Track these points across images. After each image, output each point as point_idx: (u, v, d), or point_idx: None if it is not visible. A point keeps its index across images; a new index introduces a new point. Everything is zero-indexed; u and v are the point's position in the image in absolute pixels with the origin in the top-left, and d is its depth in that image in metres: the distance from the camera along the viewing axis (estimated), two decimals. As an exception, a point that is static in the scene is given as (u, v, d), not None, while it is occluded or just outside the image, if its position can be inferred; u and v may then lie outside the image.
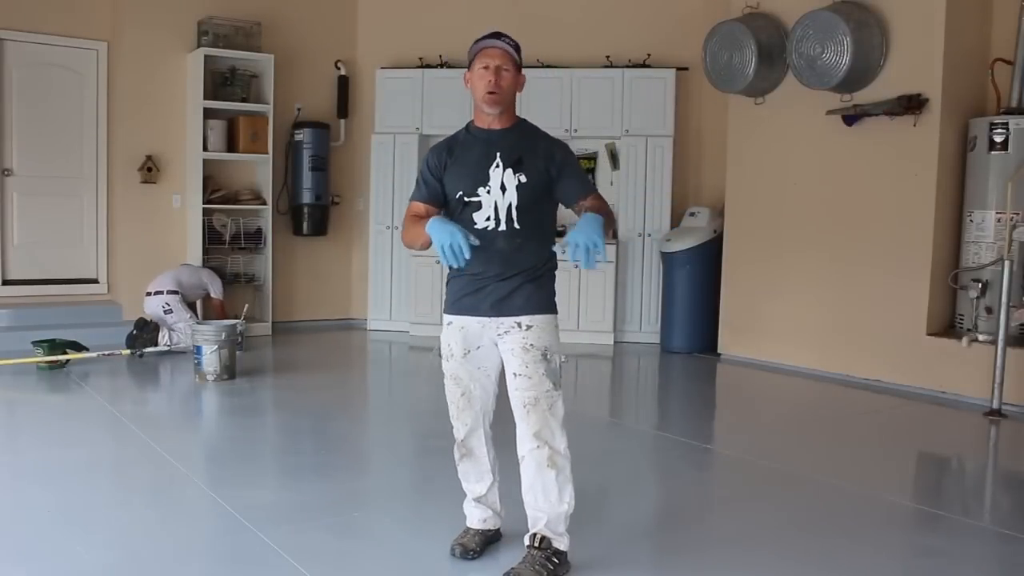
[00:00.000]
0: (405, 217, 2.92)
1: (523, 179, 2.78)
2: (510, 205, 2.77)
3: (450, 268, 2.88)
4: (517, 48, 2.85)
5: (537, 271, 2.83)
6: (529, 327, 2.78)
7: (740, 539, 3.26)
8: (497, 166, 2.79)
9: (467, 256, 2.59)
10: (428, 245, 2.74)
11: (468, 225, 2.80)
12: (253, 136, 7.61)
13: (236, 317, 6.62)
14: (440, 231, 2.63)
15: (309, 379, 6.19)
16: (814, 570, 3.00)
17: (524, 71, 2.89)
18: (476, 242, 2.68)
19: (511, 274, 2.79)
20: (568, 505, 2.80)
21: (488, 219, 2.79)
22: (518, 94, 2.87)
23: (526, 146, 2.83)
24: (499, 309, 2.79)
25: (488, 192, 2.79)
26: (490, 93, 2.78)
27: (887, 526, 3.46)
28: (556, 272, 2.93)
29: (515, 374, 2.78)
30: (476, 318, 2.83)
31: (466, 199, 2.82)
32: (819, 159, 6.45)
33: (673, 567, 3.06)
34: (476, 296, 2.83)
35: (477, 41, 2.85)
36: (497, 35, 2.84)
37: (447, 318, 2.93)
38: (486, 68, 2.79)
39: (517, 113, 2.92)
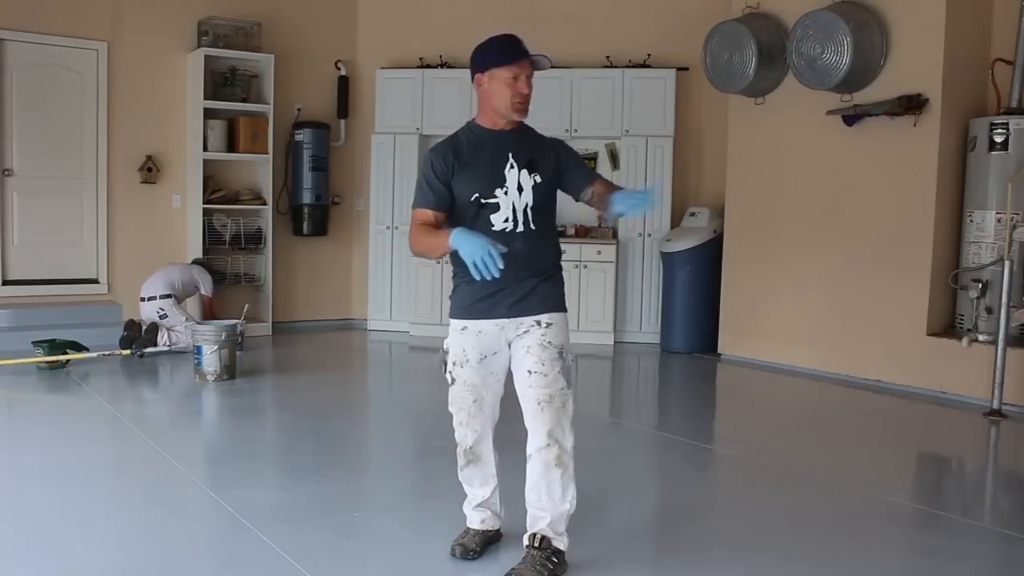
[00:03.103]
0: (412, 226, 2.84)
1: (538, 179, 2.82)
2: (526, 206, 2.80)
3: (454, 273, 2.88)
4: None
5: (550, 271, 2.88)
6: (549, 324, 2.81)
7: (740, 539, 3.27)
8: (512, 167, 2.81)
9: (500, 267, 2.56)
10: (444, 255, 2.75)
11: (485, 227, 2.76)
12: (253, 136, 7.61)
13: (224, 316, 6.62)
14: (470, 245, 2.58)
15: (309, 379, 6.19)
16: (814, 570, 3.00)
17: None
18: (504, 250, 2.62)
19: (527, 275, 2.79)
20: (571, 504, 2.80)
21: (506, 220, 2.79)
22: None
23: (534, 147, 2.89)
24: (518, 310, 2.80)
25: (506, 193, 2.79)
26: (522, 102, 2.81)
27: (887, 526, 3.46)
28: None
29: (530, 371, 2.77)
30: (494, 321, 2.81)
31: (483, 201, 2.79)
32: (819, 159, 6.45)
33: (673, 567, 3.06)
34: (492, 299, 2.80)
35: (504, 49, 2.81)
36: (520, 45, 2.83)
37: (460, 323, 2.87)
38: (516, 79, 2.79)
39: None
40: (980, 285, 5.68)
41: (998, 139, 5.69)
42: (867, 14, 6.01)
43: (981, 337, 5.63)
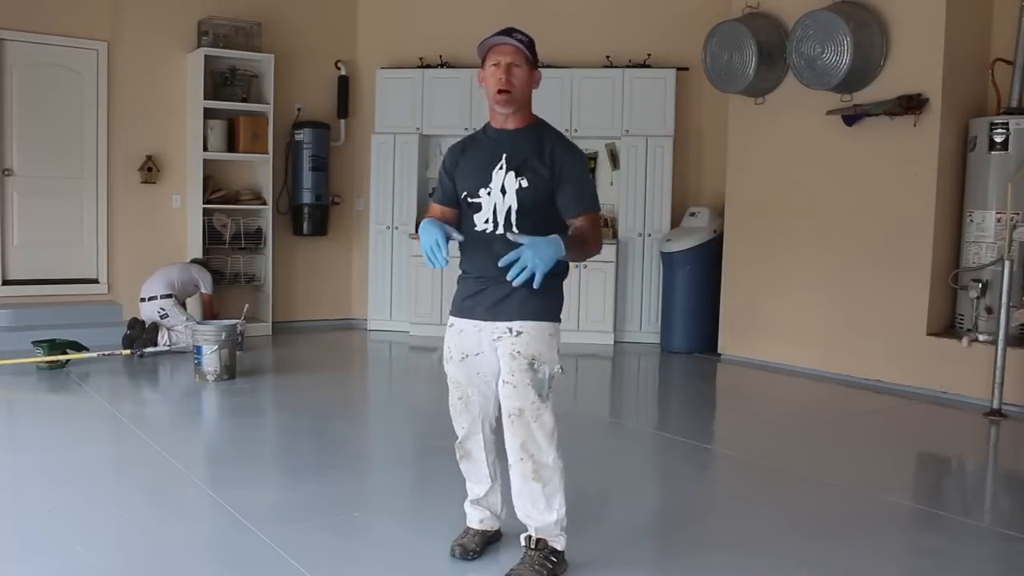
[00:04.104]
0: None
1: (524, 183, 2.71)
2: (509, 208, 2.72)
3: (463, 270, 2.88)
4: (530, 44, 2.75)
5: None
6: (519, 333, 2.72)
7: (740, 539, 3.27)
8: (501, 168, 2.74)
9: (444, 259, 2.60)
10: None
11: (469, 227, 2.78)
12: (253, 136, 7.61)
13: (224, 316, 6.62)
14: (424, 235, 2.64)
15: (309, 379, 6.19)
16: (814, 570, 3.00)
17: None
18: (459, 238, 2.70)
19: (508, 279, 2.71)
20: (558, 513, 2.77)
21: (487, 221, 2.75)
22: (534, 91, 2.79)
23: (534, 150, 2.75)
24: (493, 314, 2.75)
25: (488, 194, 2.75)
26: (501, 92, 2.70)
27: (887, 526, 3.46)
28: (562, 279, 2.81)
29: (504, 381, 2.75)
30: (473, 321, 2.81)
31: (469, 200, 2.79)
32: (819, 159, 6.45)
33: (673, 567, 3.06)
34: (474, 300, 2.80)
35: (487, 38, 2.75)
36: (509, 31, 2.75)
37: (450, 319, 2.91)
38: (496, 66, 2.71)
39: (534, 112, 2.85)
40: (980, 285, 5.68)
41: (998, 139, 5.69)
42: (867, 14, 6.01)
43: (981, 337, 5.63)
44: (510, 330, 2.73)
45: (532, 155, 2.75)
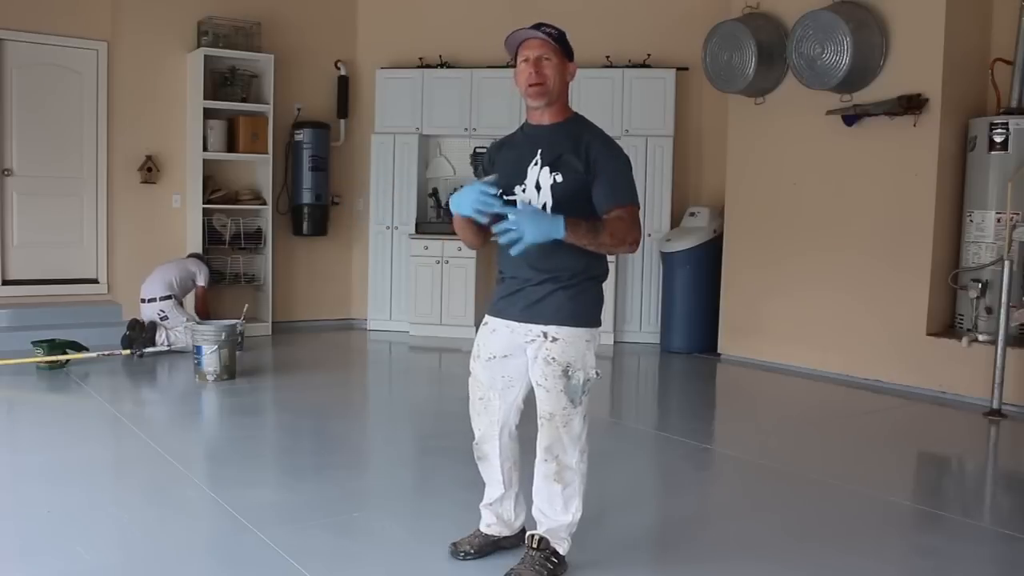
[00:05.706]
0: None
1: (559, 178, 2.67)
2: (544, 205, 2.68)
3: (500, 270, 2.84)
4: (560, 37, 2.74)
5: (572, 279, 2.71)
6: (555, 339, 2.69)
7: (740, 539, 3.27)
8: (536, 164, 2.71)
9: (495, 194, 2.58)
10: (475, 237, 2.81)
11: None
12: (253, 136, 7.60)
13: (221, 314, 6.60)
14: (462, 199, 2.64)
15: (309, 379, 6.19)
16: (814, 570, 3.00)
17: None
18: (494, 178, 2.67)
19: (542, 279, 2.70)
20: (573, 516, 2.78)
21: None
22: (571, 84, 2.77)
23: (570, 144, 2.69)
24: (528, 315, 2.73)
25: (523, 191, 2.72)
26: (531, 85, 2.68)
27: (887, 526, 3.46)
28: (600, 281, 2.81)
29: (536, 384, 2.75)
30: (507, 322, 2.79)
31: (505, 197, 2.74)
32: (819, 159, 6.45)
33: (672, 569, 3.06)
34: (509, 299, 2.78)
35: (510, 39, 2.73)
36: (537, 26, 2.74)
37: (486, 317, 2.89)
38: (526, 61, 2.70)
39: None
40: (980, 285, 5.69)
41: (998, 139, 5.69)
42: (867, 14, 6.01)
43: (981, 337, 5.63)
44: (544, 335, 2.70)
45: (568, 150, 2.69)
